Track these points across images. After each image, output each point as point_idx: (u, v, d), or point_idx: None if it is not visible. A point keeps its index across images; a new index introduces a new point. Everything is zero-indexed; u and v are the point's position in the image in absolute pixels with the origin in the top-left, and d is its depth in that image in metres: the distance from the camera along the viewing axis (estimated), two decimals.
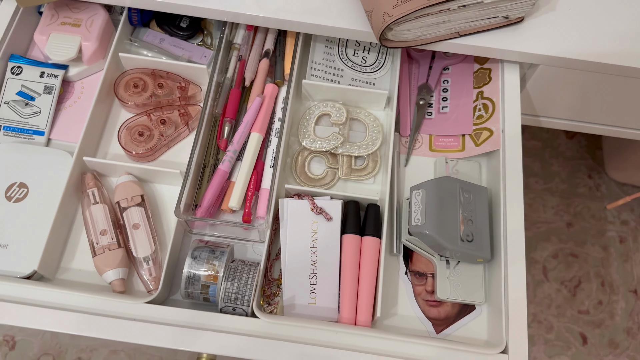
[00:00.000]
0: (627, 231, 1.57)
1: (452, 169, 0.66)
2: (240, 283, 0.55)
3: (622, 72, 0.63)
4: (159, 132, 0.64)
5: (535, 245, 1.53)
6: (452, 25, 0.62)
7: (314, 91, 0.68)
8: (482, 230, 0.60)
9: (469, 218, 0.59)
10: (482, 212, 0.61)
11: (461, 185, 0.61)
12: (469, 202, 0.60)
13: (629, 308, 1.48)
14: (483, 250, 0.59)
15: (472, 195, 0.61)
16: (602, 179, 1.62)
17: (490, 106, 0.67)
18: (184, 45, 0.70)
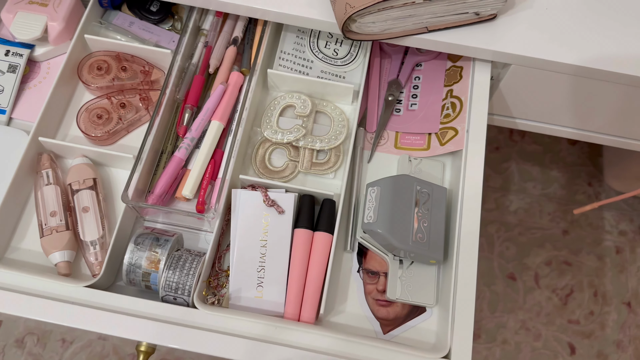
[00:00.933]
0: (625, 242, 1.53)
1: (414, 167, 0.64)
2: (182, 272, 0.54)
3: (598, 76, 0.61)
4: (117, 115, 0.64)
5: (528, 251, 1.50)
6: (419, 20, 0.60)
7: (280, 81, 0.67)
8: (437, 231, 0.58)
9: (423, 218, 0.58)
10: (438, 212, 0.59)
11: (419, 184, 0.59)
12: (426, 201, 0.59)
13: (620, 320, 1.45)
14: (436, 251, 0.57)
15: (429, 195, 0.59)
16: (602, 187, 1.59)
17: (458, 105, 0.65)
18: (153, 30, 0.70)
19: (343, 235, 0.62)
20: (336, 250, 0.60)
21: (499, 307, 1.44)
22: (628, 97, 0.65)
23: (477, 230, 0.57)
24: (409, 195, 0.58)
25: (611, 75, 0.60)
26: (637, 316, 1.45)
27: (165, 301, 0.55)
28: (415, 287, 0.58)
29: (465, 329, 0.53)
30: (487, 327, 1.42)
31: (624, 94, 0.64)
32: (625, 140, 0.74)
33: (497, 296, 1.45)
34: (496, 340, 1.41)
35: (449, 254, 0.58)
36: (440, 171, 0.65)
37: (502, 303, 1.45)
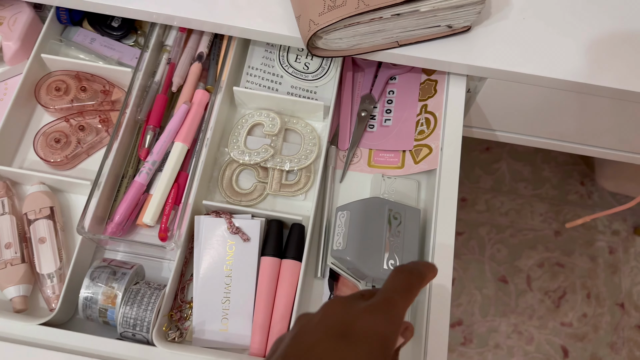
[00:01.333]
0: (618, 242, 1.51)
1: (388, 187, 0.61)
2: (140, 308, 0.51)
3: (574, 89, 0.58)
4: (76, 138, 0.61)
5: (520, 253, 1.48)
6: (389, 35, 0.57)
7: (248, 99, 0.64)
8: (410, 256, 0.55)
9: (395, 243, 0.55)
10: (411, 236, 0.56)
11: (390, 206, 0.56)
12: (398, 225, 0.56)
13: (614, 322, 1.42)
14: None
15: (402, 218, 0.57)
16: (594, 187, 1.56)
17: (433, 121, 0.62)
18: (115, 46, 0.67)
19: (313, 260, 0.59)
20: (306, 277, 0.58)
21: (491, 311, 1.42)
22: (605, 109, 0.62)
23: (451, 256, 0.55)
24: (380, 219, 0.55)
25: (587, 88, 0.58)
26: (630, 317, 1.43)
27: (124, 337, 0.52)
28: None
29: (439, 355, 0.51)
30: (478, 331, 1.39)
31: (600, 106, 0.62)
32: (604, 151, 0.71)
33: (488, 300, 1.43)
34: (488, 344, 1.39)
35: None
36: (415, 190, 0.62)
37: (493, 307, 1.42)
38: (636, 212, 1.53)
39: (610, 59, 0.58)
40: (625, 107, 0.61)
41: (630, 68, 0.58)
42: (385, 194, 0.61)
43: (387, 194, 0.61)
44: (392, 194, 0.61)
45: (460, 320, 1.40)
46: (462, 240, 1.48)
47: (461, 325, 1.40)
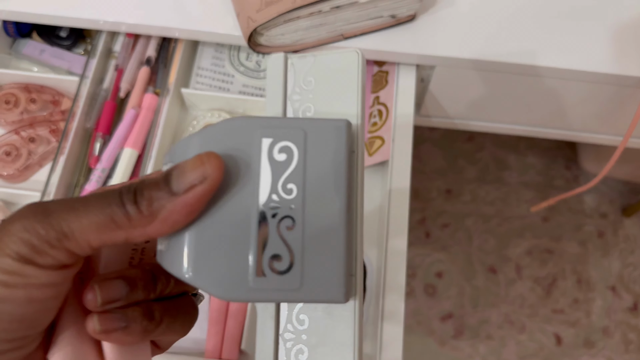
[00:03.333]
0: (606, 224, 1.50)
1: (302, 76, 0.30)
2: None
3: (524, 71, 0.58)
4: (27, 150, 0.60)
5: (507, 241, 1.47)
6: (332, 28, 0.57)
7: (198, 100, 0.64)
8: (324, 236, 0.26)
9: (285, 212, 0.25)
10: (324, 195, 0.26)
11: (267, 130, 0.26)
12: (290, 169, 0.26)
13: (606, 306, 1.42)
14: (319, 282, 0.25)
15: (298, 153, 0.26)
16: (580, 171, 1.55)
17: (385, 112, 0.61)
18: (64, 56, 0.66)
19: None
20: None
21: (481, 302, 1.41)
22: (559, 90, 0.62)
23: (405, 250, 0.54)
24: (245, 169, 0.25)
25: (538, 70, 0.57)
26: (622, 300, 1.42)
27: None
28: (317, 353, 0.28)
29: None
30: (469, 323, 1.39)
31: (551, 87, 0.61)
32: (565, 132, 0.70)
33: (477, 291, 1.42)
34: (479, 335, 1.38)
35: (373, 284, 0.55)
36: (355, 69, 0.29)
37: (483, 297, 1.42)
38: (624, 194, 1.53)
39: (556, 37, 0.58)
40: (563, 85, 0.61)
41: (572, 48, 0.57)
42: (296, 93, 0.29)
43: (299, 92, 0.29)
44: (310, 91, 0.29)
45: (450, 313, 1.40)
46: (448, 232, 1.48)
47: (452, 317, 1.40)
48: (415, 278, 1.42)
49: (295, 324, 0.28)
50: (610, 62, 0.56)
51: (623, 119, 0.65)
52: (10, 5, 0.60)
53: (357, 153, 0.28)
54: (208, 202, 0.24)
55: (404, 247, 0.54)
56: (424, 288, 1.41)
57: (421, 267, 1.44)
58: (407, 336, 1.35)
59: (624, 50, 0.57)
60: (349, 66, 0.29)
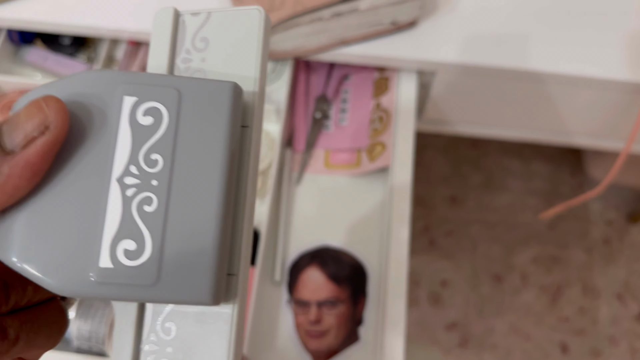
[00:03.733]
0: (612, 232, 1.49)
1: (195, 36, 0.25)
2: (94, 321, 0.51)
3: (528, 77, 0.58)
4: None
5: (512, 249, 1.46)
6: (333, 34, 0.57)
7: None
8: (192, 230, 0.20)
9: (145, 190, 0.20)
10: (199, 177, 0.21)
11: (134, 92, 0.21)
12: (159, 146, 0.21)
13: (612, 314, 1.40)
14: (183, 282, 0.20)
15: (171, 126, 0.21)
16: (585, 177, 1.54)
17: (386, 118, 0.61)
18: (68, 63, 0.67)
19: (271, 265, 0.58)
20: (263, 282, 0.57)
21: (486, 310, 1.40)
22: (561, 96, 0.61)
23: (406, 250, 0.54)
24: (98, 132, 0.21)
25: (540, 76, 0.57)
26: (628, 308, 1.41)
27: (80, 351, 0.52)
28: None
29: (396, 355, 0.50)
30: (474, 331, 1.38)
31: (554, 93, 0.61)
32: (569, 139, 0.70)
33: (483, 299, 1.41)
34: (485, 344, 1.37)
35: (376, 287, 0.55)
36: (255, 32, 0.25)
37: (488, 306, 1.41)
38: (629, 201, 1.52)
39: (559, 43, 0.58)
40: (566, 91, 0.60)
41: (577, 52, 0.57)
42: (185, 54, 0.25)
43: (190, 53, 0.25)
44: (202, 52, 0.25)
45: (455, 322, 1.39)
46: (453, 240, 1.47)
47: (456, 326, 1.39)
48: (419, 286, 1.41)
49: (159, 334, 0.22)
50: (615, 68, 0.56)
51: (627, 125, 0.65)
52: (14, 14, 0.61)
53: (252, 128, 0.23)
54: (53, 162, 0.19)
55: (405, 252, 0.53)
56: (428, 296, 1.41)
57: (425, 275, 1.43)
58: (411, 345, 1.35)
59: (628, 58, 0.57)
60: (249, 26, 0.24)
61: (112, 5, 0.61)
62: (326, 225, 0.60)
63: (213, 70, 0.24)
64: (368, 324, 0.55)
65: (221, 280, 0.21)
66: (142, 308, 0.22)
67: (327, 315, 0.56)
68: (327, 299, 0.57)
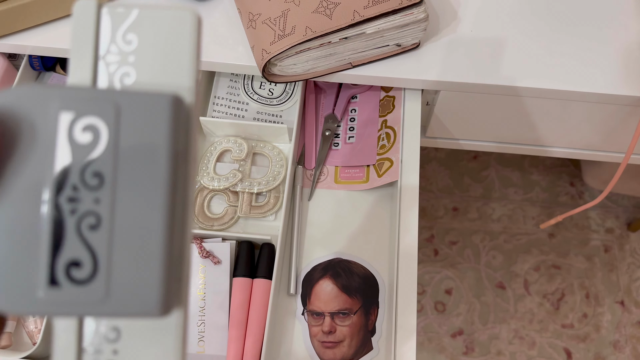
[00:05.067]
0: (612, 239, 1.52)
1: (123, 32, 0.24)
2: None
3: (524, 93, 0.61)
4: None
5: (515, 258, 1.49)
6: (341, 57, 0.60)
7: (215, 128, 0.67)
8: (138, 245, 0.21)
9: (86, 206, 0.20)
10: (142, 192, 0.21)
11: (71, 107, 0.20)
12: (100, 163, 0.20)
13: (615, 320, 1.42)
14: (129, 292, 0.20)
15: (111, 142, 0.21)
16: (584, 187, 1.57)
17: (392, 135, 0.64)
18: None
19: (286, 278, 0.61)
20: (278, 295, 0.60)
21: (491, 318, 1.42)
22: (559, 110, 0.64)
23: (415, 261, 0.56)
24: (34, 151, 0.20)
25: (538, 92, 0.60)
26: (631, 314, 1.43)
27: None
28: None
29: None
30: (480, 339, 1.40)
31: (557, 108, 0.64)
32: (568, 151, 0.73)
33: (487, 307, 1.43)
34: (490, 352, 1.39)
35: (387, 294, 0.57)
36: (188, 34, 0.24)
37: (493, 314, 1.43)
38: (628, 209, 1.55)
39: (558, 59, 0.61)
40: (564, 105, 0.63)
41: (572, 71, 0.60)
42: (111, 53, 0.23)
43: (116, 52, 0.23)
44: (130, 52, 0.23)
45: (460, 330, 1.41)
46: (456, 250, 1.50)
47: (462, 334, 1.41)
48: (425, 295, 1.44)
49: (104, 340, 0.23)
50: (611, 83, 0.59)
51: (625, 136, 0.68)
52: (35, 41, 0.64)
53: (189, 137, 0.22)
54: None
55: (414, 262, 0.56)
56: (434, 305, 1.43)
57: (431, 284, 1.45)
58: (418, 353, 1.37)
59: (624, 71, 0.60)
60: (181, 29, 0.23)
61: None
62: (337, 238, 0.63)
63: (145, 77, 0.23)
64: (381, 333, 0.58)
65: (170, 293, 0.21)
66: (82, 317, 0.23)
67: (340, 326, 0.59)
68: (339, 309, 0.59)
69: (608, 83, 0.59)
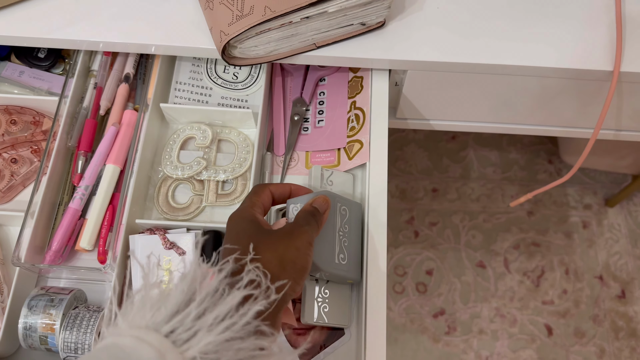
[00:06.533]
0: (591, 215, 1.53)
1: (327, 180, 0.62)
2: (79, 332, 0.52)
3: (490, 71, 0.59)
4: (9, 171, 0.61)
5: (495, 237, 1.49)
6: (304, 38, 0.58)
7: (177, 114, 0.65)
8: (355, 250, 0.56)
9: (344, 237, 0.55)
10: (356, 230, 0.57)
11: (339, 200, 0.56)
12: (346, 218, 0.56)
13: (594, 295, 1.44)
14: (355, 271, 0.55)
15: (348, 212, 0.56)
16: (562, 164, 1.58)
17: (362, 117, 0.63)
18: (44, 77, 0.67)
19: None
20: None
21: (472, 297, 1.43)
22: (530, 88, 0.63)
23: (384, 245, 0.55)
24: (332, 213, 0.54)
25: (508, 69, 0.59)
26: (610, 289, 1.44)
27: None
28: (331, 308, 0.56)
29: (378, 349, 0.52)
30: (461, 319, 1.40)
31: (525, 85, 0.63)
32: (540, 128, 0.72)
33: (468, 286, 1.44)
34: (472, 331, 1.40)
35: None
36: (351, 184, 0.63)
37: (474, 293, 1.43)
38: (606, 185, 1.55)
39: (525, 35, 0.59)
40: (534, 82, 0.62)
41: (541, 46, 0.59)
42: (323, 187, 0.61)
43: (324, 187, 0.61)
44: (330, 187, 0.61)
45: (442, 310, 1.41)
46: (436, 230, 1.49)
47: (444, 314, 1.41)
48: (406, 277, 1.44)
49: (322, 293, 0.56)
50: (578, 58, 0.58)
51: (596, 111, 0.67)
52: None
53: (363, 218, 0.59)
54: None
55: (383, 246, 0.55)
56: (415, 286, 1.43)
57: (411, 265, 1.45)
58: (400, 334, 1.37)
59: (591, 45, 0.59)
60: (348, 180, 0.65)
61: (86, 17, 0.61)
62: None
63: (343, 187, 0.63)
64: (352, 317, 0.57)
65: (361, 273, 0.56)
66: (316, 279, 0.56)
67: None
68: None
69: (577, 58, 0.58)
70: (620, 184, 1.55)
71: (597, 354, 1.39)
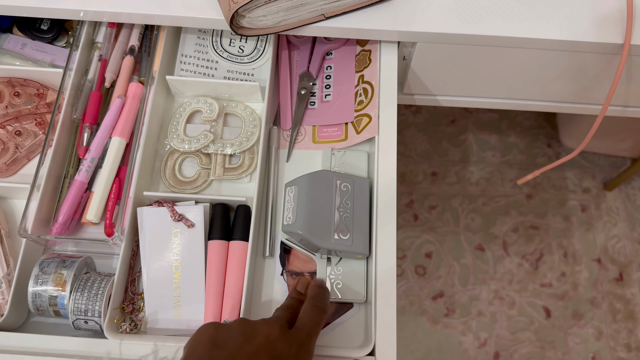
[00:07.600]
0: (589, 199, 1.53)
1: (338, 160, 0.61)
2: (90, 293, 0.51)
3: (504, 43, 0.59)
4: (14, 144, 0.60)
5: (494, 220, 1.49)
6: (313, 8, 0.57)
7: (183, 87, 0.64)
8: (361, 225, 0.56)
9: (345, 213, 0.56)
10: (361, 206, 0.57)
11: (339, 178, 0.57)
12: (347, 194, 0.57)
13: (592, 277, 1.45)
14: (360, 246, 0.55)
15: (351, 188, 0.57)
16: (561, 147, 1.58)
17: (370, 90, 0.62)
18: (47, 49, 0.66)
19: (262, 240, 0.59)
20: (256, 257, 0.58)
21: (471, 280, 1.43)
22: (539, 61, 0.63)
23: (394, 220, 0.55)
24: (329, 191, 0.56)
25: (514, 41, 0.58)
26: (608, 271, 1.45)
27: (76, 327, 0.52)
28: (345, 284, 0.56)
29: (388, 323, 0.51)
30: (460, 301, 1.41)
31: (535, 59, 0.62)
32: (547, 104, 0.72)
33: (467, 269, 1.44)
34: (471, 313, 1.40)
35: None
36: (364, 161, 0.62)
37: (473, 275, 1.44)
38: (605, 168, 1.56)
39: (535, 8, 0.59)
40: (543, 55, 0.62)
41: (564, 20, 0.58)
42: (335, 167, 0.61)
43: (337, 167, 0.61)
44: (343, 167, 0.61)
45: (441, 292, 1.42)
46: (436, 214, 1.49)
47: (443, 297, 1.42)
48: (405, 260, 1.44)
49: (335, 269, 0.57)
50: (589, 31, 0.58)
51: (602, 87, 0.67)
52: None
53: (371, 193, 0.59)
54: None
55: (393, 220, 0.55)
56: (415, 269, 1.43)
57: (411, 248, 1.45)
58: (400, 316, 1.37)
59: (602, 18, 0.58)
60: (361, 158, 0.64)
61: None
62: None
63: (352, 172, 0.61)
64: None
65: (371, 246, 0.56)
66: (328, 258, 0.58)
67: None
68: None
69: (587, 30, 0.58)
70: (619, 168, 1.55)
71: (594, 336, 1.40)
